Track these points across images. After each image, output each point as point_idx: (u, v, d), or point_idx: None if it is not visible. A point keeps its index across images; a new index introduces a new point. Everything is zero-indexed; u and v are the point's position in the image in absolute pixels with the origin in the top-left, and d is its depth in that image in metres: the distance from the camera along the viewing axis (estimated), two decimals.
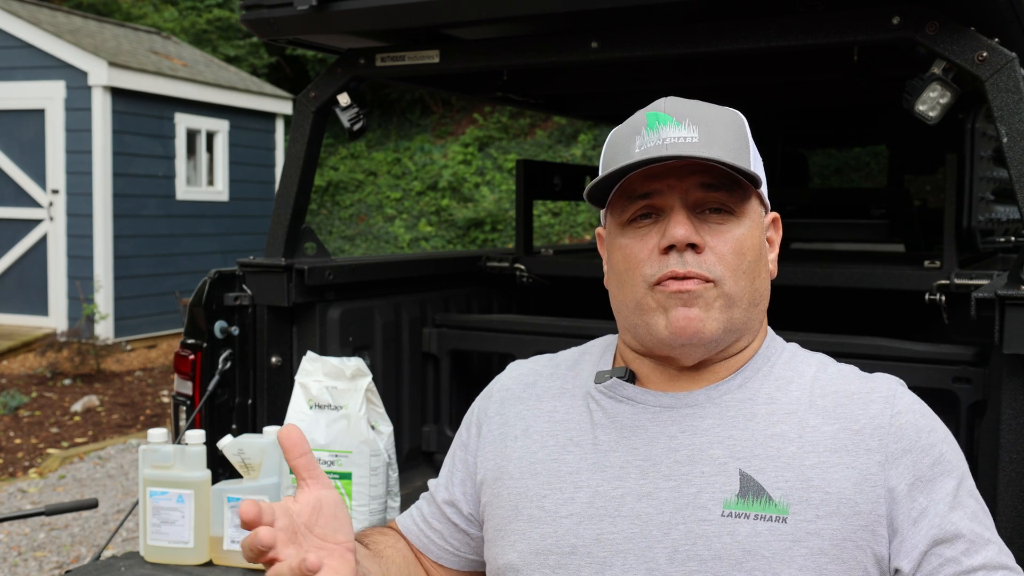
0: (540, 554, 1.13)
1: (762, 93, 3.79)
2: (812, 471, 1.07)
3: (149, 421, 7.07)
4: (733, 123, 1.16)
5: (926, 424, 1.12)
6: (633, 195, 1.13)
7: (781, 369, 1.17)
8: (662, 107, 1.14)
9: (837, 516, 1.06)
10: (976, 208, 3.39)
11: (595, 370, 1.23)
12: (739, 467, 1.09)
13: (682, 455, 1.11)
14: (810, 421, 1.11)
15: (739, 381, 1.15)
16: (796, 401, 1.13)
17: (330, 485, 1.03)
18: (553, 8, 2.34)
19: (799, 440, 1.10)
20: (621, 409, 1.17)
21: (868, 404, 1.12)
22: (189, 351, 2.65)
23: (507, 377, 1.33)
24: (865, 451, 1.08)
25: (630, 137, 1.14)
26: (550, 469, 1.17)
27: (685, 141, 1.10)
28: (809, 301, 3.23)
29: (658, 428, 1.14)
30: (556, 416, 1.22)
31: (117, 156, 9.28)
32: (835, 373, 1.17)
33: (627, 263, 1.14)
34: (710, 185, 1.11)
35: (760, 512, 1.06)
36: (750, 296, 1.13)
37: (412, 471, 3.02)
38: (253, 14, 2.64)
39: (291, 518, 0.97)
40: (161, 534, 2.32)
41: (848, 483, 1.07)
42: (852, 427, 1.10)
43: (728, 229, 1.12)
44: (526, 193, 3.55)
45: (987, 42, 2.10)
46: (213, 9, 15.10)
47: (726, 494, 1.08)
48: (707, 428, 1.12)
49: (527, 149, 12.77)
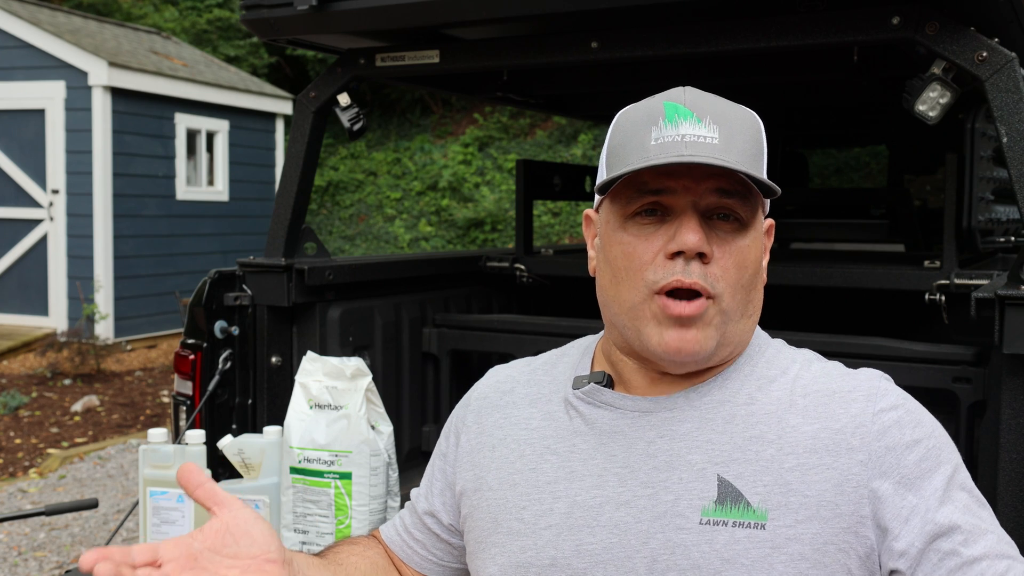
0: (520, 567, 1.12)
1: (762, 93, 3.80)
2: (791, 474, 1.04)
3: (149, 421, 7.07)
4: (752, 126, 1.10)
5: (910, 419, 1.07)
6: (643, 189, 1.07)
7: (763, 367, 1.13)
8: (682, 98, 1.08)
9: (817, 520, 1.02)
10: (976, 208, 3.39)
11: (573, 374, 1.20)
12: (717, 472, 1.06)
13: (660, 461, 1.09)
14: (790, 421, 1.07)
15: (719, 383, 1.12)
16: (776, 401, 1.10)
17: (240, 505, 1.02)
18: (553, 8, 2.34)
19: (778, 442, 1.06)
20: (599, 415, 1.14)
21: (850, 402, 1.08)
22: (189, 351, 2.65)
23: (484, 385, 1.30)
24: (847, 450, 1.04)
25: (645, 126, 1.08)
26: (528, 479, 1.15)
27: (705, 141, 1.04)
28: (809, 301, 3.23)
29: (636, 433, 1.11)
30: (533, 423, 1.19)
31: (117, 156, 9.28)
32: (818, 371, 1.13)
33: (628, 262, 1.09)
34: (726, 191, 1.06)
35: (738, 519, 1.03)
36: (743, 310, 1.10)
37: (412, 471, 3.02)
38: (253, 14, 2.64)
39: (187, 547, 0.98)
40: (161, 534, 2.32)
41: (828, 485, 1.03)
42: (833, 426, 1.06)
43: (734, 240, 1.07)
44: (526, 193, 3.55)
45: (987, 42, 2.10)
46: (213, 9, 15.11)
47: (704, 501, 1.05)
48: (685, 432, 1.09)
49: (527, 149, 12.77)
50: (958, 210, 3.06)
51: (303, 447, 2.31)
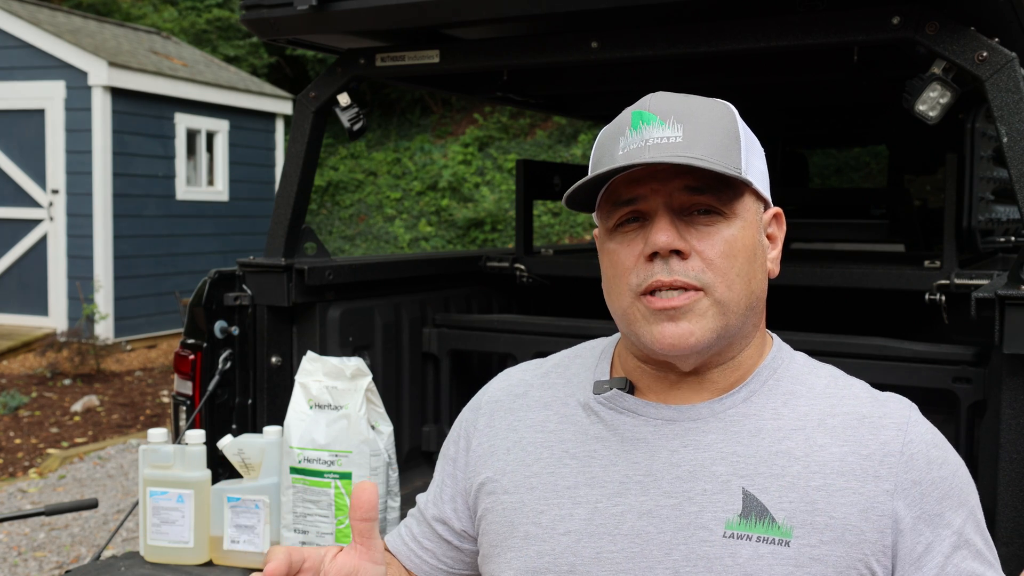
0: (537, 573, 1.10)
1: (762, 93, 3.79)
2: (817, 493, 1.04)
3: (149, 421, 7.07)
4: (721, 118, 1.10)
5: (938, 455, 1.08)
6: (618, 200, 1.09)
7: (789, 383, 1.13)
8: (647, 105, 1.09)
9: (842, 543, 1.03)
10: (976, 208, 3.39)
11: (590, 377, 1.19)
12: (742, 485, 1.05)
13: (684, 470, 1.08)
14: (818, 440, 1.07)
15: (744, 395, 1.11)
16: (804, 417, 1.09)
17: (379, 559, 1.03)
18: (553, 8, 2.34)
19: (805, 459, 1.06)
20: (622, 421, 1.13)
21: (880, 429, 1.08)
22: (189, 351, 2.65)
23: (495, 388, 1.28)
24: (874, 478, 1.05)
25: (614, 138, 1.10)
26: (546, 483, 1.14)
27: (668, 142, 1.05)
28: (809, 301, 3.23)
29: (660, 442, 1.10)
30: (549, 426, 1.18)
31: (117, 156, 9.28)
32: (846, 391, 1.13)
33: (614, 269, 1.10)
34: (695, 188, 1.06)
35: (763, 534, 1.03)
36: (746, 300, 1.09)
37: (412, 471, 3.02)
38: (253, 14, 2.64)
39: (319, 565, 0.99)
40: (161, 534, 2.32)
41: (854, 509, 1.04)
42: (862, 452, 1.06)
43: (717, 231, 1.07)
44: (526, 193, 3.55)
45: (987, 42, 2.10)
46: (213, 9, 15.10)
47: (728, 514, 1.05)
48: (710, 443, 1.09)
49: (527, 149, 12.77)
50: (958, 210, 3.06)
51: (303, 447, 2.31)
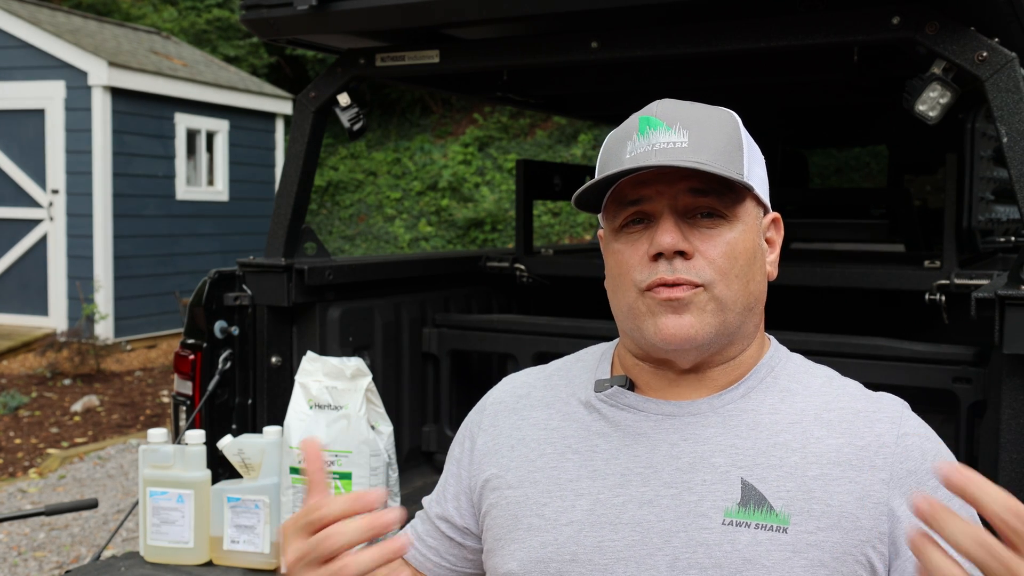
0: (541, 562, 1.14)
1: (762, 93, 3.79)
2: (814, 482, 1.08)
3: (149, 421, 7.07)
4: (726, 125, 1.15)
5: (931, 448, 1.12)
6: (624, 201, 1.14)
7: (786, 381, 1.17)
8: (654, 111, 1.15)
9: (838, 529, 1.06)
10: (976, 208, 3.39)
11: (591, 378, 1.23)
12: (741, 475, 1.09)
13: (684, 462, 1.12)
14: (814, 432, 1.12)
15: (742, 391, 1.16)
16: (801, 412, 1.14)
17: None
18: (553, 8, 2.34)
19: (802, 451, 1.10)
20: (623, 416, 1.17)
21: (874, 422, 1.12)
22: (189, 351, 2.65)
23: (500, 390, 1.33)
24: (870, 468, 1.09)
25: (622, 142, 1.15)
26: (549, 477, 1.18)
27: (674, 147, 1.10)
28: (809, 301, 3.23)
29: (660, 436, 1.14)
30: (552, 424, 1.22)
31: (117, 156, 9.28)
32: (841, 389, 1.17)
33: (619, 268, 1.15)
34: (699, 190, 1.11)
35: (761, 521, 1.07)
36: (744, 300, 1.13)
37: (412, 471, 3.02)
38: (253, 14, 2.64)
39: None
40: (161, 534, 2.32)
41: (851, 497, 1.07)
42: (857, 443, 1.10)
43: (719, 233, 1.12)
44: (526, 193, 3.55)
45: (987, 42, 2.10)
46: (213, 9, 15.10)
47: (727, 502, 1.08)
48: (709, 436, 1.13)
49: (527, 149, 12.77)
50: (958, 210, 3.06)
51: None
